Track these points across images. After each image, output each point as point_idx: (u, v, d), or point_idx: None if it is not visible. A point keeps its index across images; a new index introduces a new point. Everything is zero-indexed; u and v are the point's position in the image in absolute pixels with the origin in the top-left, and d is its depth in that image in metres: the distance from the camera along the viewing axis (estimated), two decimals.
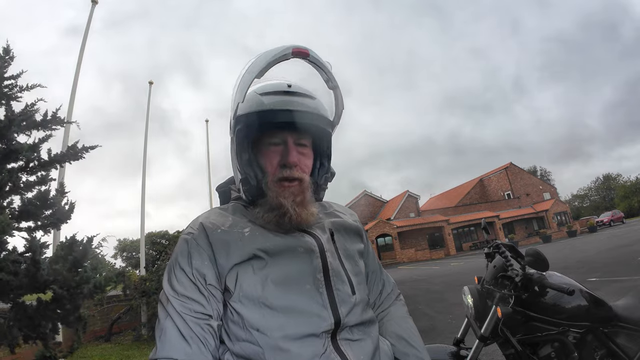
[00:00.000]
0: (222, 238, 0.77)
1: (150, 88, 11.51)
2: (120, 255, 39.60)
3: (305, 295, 0.74)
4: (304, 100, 0.81)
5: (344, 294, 0.78)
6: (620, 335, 1.60)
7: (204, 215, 0.85)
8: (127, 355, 5.93)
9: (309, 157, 0.86)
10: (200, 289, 0.73)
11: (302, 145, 0.84)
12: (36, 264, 2.79)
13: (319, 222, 0.87)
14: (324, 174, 0.91)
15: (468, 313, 1.87)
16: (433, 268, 17.49)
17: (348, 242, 0.90)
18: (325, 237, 0.84)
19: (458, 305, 4.94)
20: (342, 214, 0.96)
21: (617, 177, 57.78)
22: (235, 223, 0.81)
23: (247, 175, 0.82)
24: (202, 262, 0.75)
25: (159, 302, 0.75)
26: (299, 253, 0.78)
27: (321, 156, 0.91)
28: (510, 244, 1.90)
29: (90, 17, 8.05)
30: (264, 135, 0.82)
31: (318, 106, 0.83)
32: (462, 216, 33.08)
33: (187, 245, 0.77)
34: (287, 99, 0.80)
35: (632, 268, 7.15)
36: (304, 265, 0.77)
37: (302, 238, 0.80)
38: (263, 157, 0.83)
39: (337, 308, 0.75)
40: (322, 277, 0.77)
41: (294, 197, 0.79)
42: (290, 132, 0.81)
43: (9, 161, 3.32)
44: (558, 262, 9.90)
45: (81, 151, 3.75)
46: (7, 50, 3.54)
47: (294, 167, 0.80)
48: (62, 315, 3.14)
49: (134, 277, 8.29)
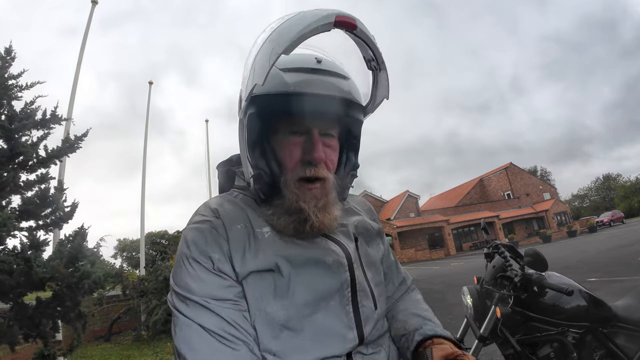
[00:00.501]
0: (240, 236, 0.65)
1: (150, 88, 11.52)
2: (120, 255, 39.62)
3: (330, 314, 0.65)
4: (336, 81, 0.67)
5: (368, 310, 0.71)
6: (620, 335, 1.60)
7: (216, 202, 0.72)
8: (127, 355, 5.92)
9: (335, 150, 0.73)
10: (225, 282, 0.62)
11: (329, 136, 0.71)
12: (27, 262, 2.80)
13: (342, 227, 0.75)
14: (350, 171, 0.77)
15: (467, 313, 1.87)
16: (433, 268, 17.48)
17: (370, 247, 0.81)
18: (352, 246, 0.74)
19: (458, 305, 4.94)
20: (360, 211, 0.86)
21: (617, 177, 57.79)
22: (253, 219, 0.69)
23: (261, 171, 0.68)
24: (222, 255, 0.63)
25: (173, 308, 0.62)
26: (326, 265, 0.67)
27: (348, 148, 0.77)
28: (509, 244, 1.91)
29: (90, 17, 8.05)
30: (283, 122, 0.68)
31: (352, 89, 0.69)
32: (462, 216, 33.07)
33: (202, 235, 0.64)
34: (316, 79, 0.65)
35: (632, 268, 7.15)
36: (332, 280, 0.67)
37: (329, 247, 0.70)
38: (281, 149, 0.69)
39: (362, 327, 0.68)
40: (350, 293, 0.69)
41: (316, 200, 0.66)
42: (316, 121, 0.67)
43: (12, 162, 3.34)
44: (558, 262, 9.90)
45: (76, 142, 3.76)
46: (9, 51, 3.58)
47: (319, 164, 0.67)
48: (63, 313, 3.16)
49: (133, 277, 8.28)
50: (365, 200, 0.93)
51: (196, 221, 0.67)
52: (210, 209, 0.69)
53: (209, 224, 0.66)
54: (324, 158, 0.67)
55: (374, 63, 0.68)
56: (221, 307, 0.59)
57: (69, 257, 3.21)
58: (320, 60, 0.67)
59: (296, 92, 0.63)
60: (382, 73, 0.69)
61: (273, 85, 0.63)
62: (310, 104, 0.63)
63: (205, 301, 0.59)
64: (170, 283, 0.65)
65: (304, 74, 0.65)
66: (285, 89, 0.63)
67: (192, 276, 0.61)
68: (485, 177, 41.37)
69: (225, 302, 0.60)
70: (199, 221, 0.67)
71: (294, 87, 0.63)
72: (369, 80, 0.72)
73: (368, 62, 0.68)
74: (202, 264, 0.62)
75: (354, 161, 0.77)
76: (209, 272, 0.61)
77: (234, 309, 0.60)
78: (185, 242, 0.65)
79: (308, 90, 0.63)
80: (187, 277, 0.61)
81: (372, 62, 0.68)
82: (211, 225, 0.65)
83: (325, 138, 0.69)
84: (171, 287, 0.64)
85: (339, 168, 0.75)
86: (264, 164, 0.69)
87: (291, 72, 0.65)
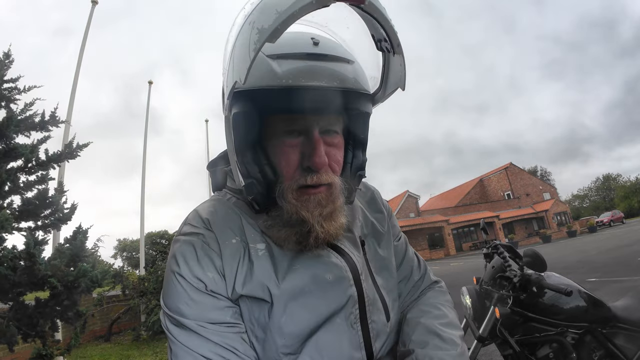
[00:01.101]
0: (234, 252, 0.58)
1: (149, 88, 11.51)
2: (120, 255, 39.63)
3: (335, 334, 0.58)
4: (338, 66, 0.55)
5: (379, 325, 0.63)
6: (619, 335, 1.60)
7: (207, 209, 0.63)
8: (126, 355, 5.92)
9: (340, 149, 0.61)
10: (220, 303, 0.56)
11: (332, 133, 0.59)
12: (32, 257, 2.81)
13: (347, 233, 0.66)
14: (357, 170, 0.65)
15: (466, 313, 1.87)
16: (433, 268, 17.29)
17: (381, 247, 0.72)
18: (358, 254, 0.65)
19: (457, 305, 4.92)
20: (363, 204, 0.76)
21: (617, 177, 57.81)
22: (248, 231, 0.61)
23: (253, 180, 0.58)
24: (215, 273, 0.57)
25: (167, 331, 0.56)
26: (327, 283, 0.59)
27: (354, 144, 0.65)
28: (508, 245, 1.91)
29: (90, 17, 8.04)
30: (276, 119, 0.57)
31: (358, 75, 0.57)
32: (462, 216, 33.06)
33: (193, 250, 0.57)
34: (313, 67, 0.53)
35: (632, 268, 7.15)
36: (335, 298, 0.59)
37: (331, 261, 0.61)
38: (276, 153, 0.58)
39: (372, 345, 0.61)
40: (357, 309, 0.61)
41: (321, 208, 0.57)
42: (315, 117, 0.56)
43: (8, 160, 3.35)
44: (557, 263, 9.90)
45: (76, 149, 3.82)
46: (8, 55, 3.62)
47: (321, 169, 0.57)
48: (61, 312, 3.17)
49: (133, 277, 8.28)
50: (366, 183, 0.81)
51: (186, 232, 0.60)
52: (202, 218, 0.61)
53: (200, 237, 0.59)
54: (327, 162, 0.57)
55: (386, 44, 0.55)
56: (217, 332, 0.54)
57: (69, 256, 3.22)
58: (318, 42, 0.55)
59: (288, 86, 0.51)
60: (397, 57, 0.57)
61: (260, 77, 0.52)
62: (308, 98, 0.52)
63: (199, 325, 0.54)
64: (161, 303, 0.59)
65: (298, 61, 0.53)
66: (275, 82, 0.51)
67: (183, 298, 0.55)
68: (485, 177, 41.38)
69: (220, 325, 0.55)
70: (189, 233, 0.60)
71: (285, 79, 0.51)
72: (378, 62, 0.60)
73: (378, 42, 0.56)
74: (193, 284, 0.55)
75: (362, 159, 0.65)
76: (201, 292, 0.55)
77: (231, 332, 0.55)
78: (174, 257, 0.58)
79: (304, 82, 0.51)
80: (179, 298, 0.55)
81: (384, 43, 0.55)
82: (203, 239, 0.58)
83: (327, 136, 0.58)
84: (162, 308, 0.58)
85: (344, 168, 0.64)
86: (256, 171, 0.58)
87: (281, 60, 0.53)
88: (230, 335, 0.55)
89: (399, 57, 0.56)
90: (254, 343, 0.57)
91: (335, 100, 0.54)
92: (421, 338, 0.63)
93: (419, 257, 0.83)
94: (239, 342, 0.55)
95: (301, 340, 0.57)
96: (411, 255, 0.81)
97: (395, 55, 0.57)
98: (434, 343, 0.62)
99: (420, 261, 0.82)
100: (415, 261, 0.81)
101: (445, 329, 0.65)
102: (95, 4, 8.18)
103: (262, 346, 0.57)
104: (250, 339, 0.57)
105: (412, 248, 0.83)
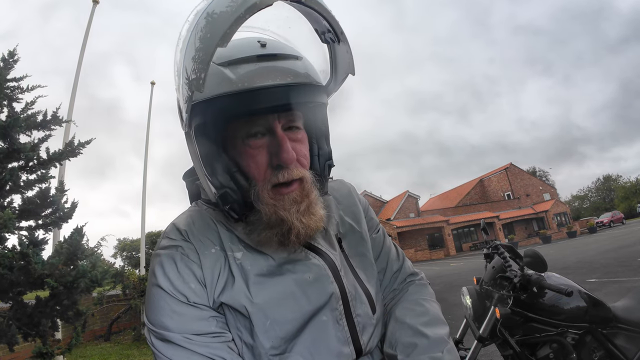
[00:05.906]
0: (213, 262, 0.59)
1: (152, 88, 11.54)
2: (120, 254, 39.62)
3: (321, 332, 0.60)
4: (288, 64, 0.57)
5: (365, 319, 0.65)
6: (619, 336, 1.60)
7: (184, 221, 0.64)
8: (126, 354, 5.93)
9: (304, 143, 0.63)
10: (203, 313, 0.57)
11: (294, 129, 0.61)
12: (25, 257, 2.81)
13: (322, 232, 0.67)
14: (325, 161, 0.67)
15: (466, 314, 1.88)
16: (433, 268, 17.47)
17: (359, 243, 0.74)
18: (335, 253, 0.67)
19: (457, 305, 4.94)
20: (339, 199, 0.77)
21: (617, 178, 57.81)
22: (225, 239, 0.62)
23: (226, 189, 0.59)
24: (197, 284, 0.57)
25: (152, 347, 0.56)
26: (307, 283, 0.61)
27: (317, 136, 0.67)
28: (509, 245, 1.91)
29: (91, 16, 8.05)
30: (238, 125, 0.58)
31: (308, 69, 0.59)
32: (462, 216, 33.06)
33: (172, 262, 0.58)
34: (264, 67, 0.55)
35: (632, 269, 7.14)
36: (318, 296, 0.61)
37: (309, 260, 0.63)
38: (243, 158, 0.59)
39: (359, 339, 0.63)
40: (341, 305, 0.63)
41: (297, 205, 0.58)
42: (276, 115, 0.58)
43: (11, 160, 3.35)
44: (557, 263, 9.90)
45: (78, 147, 3.80)
46: (12, 54, 3.62)
47: (291, 164, 0.58)
48: (61, 311, 3.17)
49: (133, 276, 8.29)
50: (342, 180, 0.83)
51: (165, 246, 0.60)
52: (179, 230, 0.62)
53: (179, 249, 0.59)
54: (295, 156, 0.58)
55: (330, 35, 0.58)
56: (203, 343, 0.54)
57: (67, 255, 3.22)
58: (265, 43, 0.57)
59: (245, 89, 0.53)
60: (342, 45, 0.59)
61: (215, 86, 0.53)
62: (265, 98, 0.53)
63: (185, 338, 0.54)
64: (144, 320, 0.59)
65: (250, 64, 0.55)
66: (230, 88, 0.53)
67: (166, 311, 0.55)
68: (485, 178, 41.38)
69: (206, 336, 0.55)
70: (168, 246, 0.60)
71: (241, 83, 0.53)
72: (325, 54, 0.63)
73: (322, 35, 0.60)
74: (175, 297, 0.56)
75: (327, 149, 0.68)
76: (184, 304, 0.55)
77: (217, 342, 0.55)
78: (154, 272, 0.58)
79: (258, 83, 0.53)
80: (162, 312, 0.55)
81: (328, 34, 0.59)
82: (182, 251, 0.59)
83: (290, 132, 0.60)
84: (145, 324, 0.58)
85: (312, 161, 0.66)
86: (227, 179, 0.59)
87: (233, 66, 0.55)
88: (217, 345, 0.55)
89: (344, 44, 0.59)
90: (242, 348, 0.58)
91: (291, 96, 0.55)
92: (407, 340, 0.64)
93: (398, 248, 0.85)
94: (226, 351, 0.55)
95: (289, 341, 0.58)
96: (389, 246, 0.82)
97: (341, 43, 0.60)
98: (421, 345, 0.62)
99: (399, 252, 0.84)
100: (393, 252, 0.82)
101: (430, 327, 0.66)
102: (96, 3, 8.19)
103: (251, 351, 0.58)
104: (238, 345, 0.58)
105: (390, 239, 0.84)
